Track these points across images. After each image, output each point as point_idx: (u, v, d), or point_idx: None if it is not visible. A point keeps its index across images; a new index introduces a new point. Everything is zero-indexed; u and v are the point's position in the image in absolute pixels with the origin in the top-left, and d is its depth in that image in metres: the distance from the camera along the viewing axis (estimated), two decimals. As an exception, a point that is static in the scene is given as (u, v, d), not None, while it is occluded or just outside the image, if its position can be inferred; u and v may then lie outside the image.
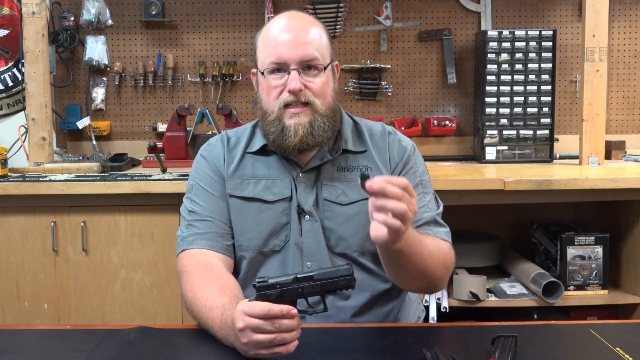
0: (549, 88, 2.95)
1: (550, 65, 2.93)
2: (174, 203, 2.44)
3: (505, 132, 2.96)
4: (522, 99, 2.95)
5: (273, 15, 2.81)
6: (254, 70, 1.57)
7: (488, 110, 2.96)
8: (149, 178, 2.50)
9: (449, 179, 2.42)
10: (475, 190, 2.43)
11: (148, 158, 2.89)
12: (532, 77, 2.94)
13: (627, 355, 1.22)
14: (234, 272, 1.56)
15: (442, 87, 3.23)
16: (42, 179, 2.51)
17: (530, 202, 2.54)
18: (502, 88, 2.95)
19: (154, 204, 2.47)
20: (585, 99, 2.75)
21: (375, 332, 1.40)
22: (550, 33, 2.93)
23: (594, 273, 2.62)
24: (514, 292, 2.61)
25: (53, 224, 2.49)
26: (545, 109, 2.95)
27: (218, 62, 3.19)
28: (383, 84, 3.21)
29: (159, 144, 2.76)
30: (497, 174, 2.60)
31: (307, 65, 1.47)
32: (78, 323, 2.49)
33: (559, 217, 3.00)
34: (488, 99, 2.95)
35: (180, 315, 2.50)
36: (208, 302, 1.34)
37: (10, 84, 3.20)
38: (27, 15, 2.80)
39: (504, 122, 2.96)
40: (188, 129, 2.88)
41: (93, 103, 3.20)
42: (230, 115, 2.88)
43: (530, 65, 2.94)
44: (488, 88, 2.95)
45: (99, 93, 3.20)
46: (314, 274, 1.23)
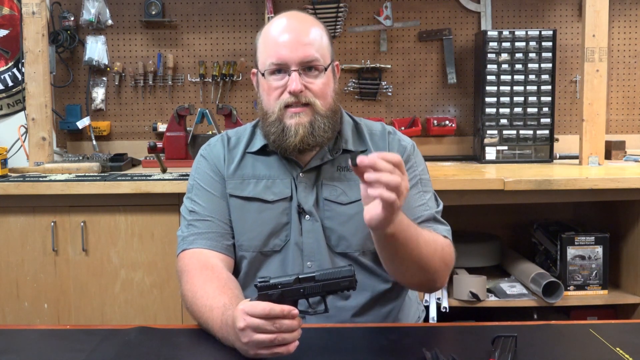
0: (549, 88, 2.95)
1: (550, 65, 2.93)
2: (174, 203, 2.44)
3: (505, 132, 2.96)
4: (522, 99, 2.95)
5: (273, 15, 2.81)
6: (254, 71, 1.57)
7: (488, 110, 2.96)
8: (149, 178, 2.50)
9: (449, 179, 2.43)
10: (475, 190, 2.43)
11: (148, 158, 2.89)
12: (532, 77, 2.94)
13: (627, 355, 1.22)
14: (234, 272, 1.56)
15: (442, 87, 3.23)
16: (42, 179, 2.51)
17: (530, 202, 2.54)
18: (502, 88, 2.95)
19: (154, 204, 2.48)
20: (585, 99, 2.75)
21: (375, 332, 1.40)
22: (550, 33, 2.93)
23: (594, 273, 2.62)
24: (514, 292, 2.61)
25: (53, 224, 2.49)
26: (545, 109, 2.95)
27: (218, 62, 3.19)
28: (383, 84, 3.21)
29: (159, 144, 2.77)
30: (497, 174, 2.60)
31: (307, 66, 1.47)
32: (78, 323, 2.49)
33: (559, 217, 3.00)
34: (488, 99, 2.95)
35: (180, 315, 2.50)
36: (208, 301, 1.34)
37: (10, 84, 3.20)
38: (27, 15, 2.80)
39: (504, 122, 2.96)
40: (188, 129, 2.89)
41: (93, 103, 3.20)
42: (230, 115, 2.88)
43: (530, 65, 2.94)
44: (488, 88, 2.95)
45: (99, 93, 3.20)
46: (316, 275, 1.22)
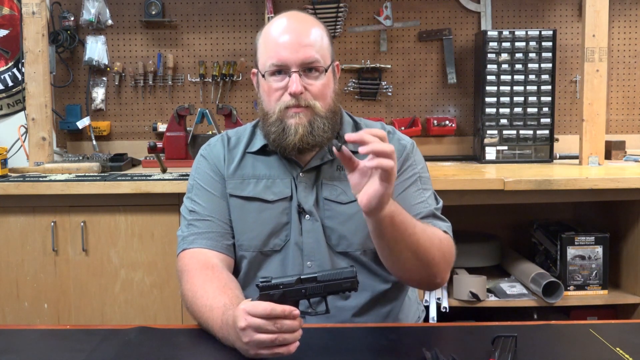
0: (549, 88, 2.95)
1: (550, 65, 2.93)
2: (174, 203, 2.44)
3: (505, 132, 2.96)
4: (522, 99, 2.95)
5: (273, 15, 2.81)
6: (255, 71, 1.57)
7: (488, 110, 2.96)
8: (149, 178, 2.50)
9: (449, 179, 2.43)
10: (475, 190, 2.43)
11: (148, 158, 2.89)
12: (532, 77, 2.94)
13: (627, 355, 1.22)
14: (234, 271, 1.56)
15: (442, 87, 3.23)
16: (42, 179, 2.51)
17: (530, 202, 2.54)
18: (502, 88, 2.94)
19: (154, 204, 2.48)
20: (585, 99, 2.75)
21: (375, 332, 1.40)
22: (550, 33, 2.93)
23: (594, 273, 2.62)
24: (514, 292, 2.61)
25: (53, 224, 2.49)
26: (545, 109, 2.95)
27: (218, 62, 3.19)
28: (383, 84, 3.21)
29: (159, 144, 2.77)
30: (497, 174, 2.60)
31: (307, 68, 1.47)
32: (78, 323, 2.49)
33: (559, 217, 3.00)
34: (488, 99, 2.95)
35: (180, 315, 2.50)
36: (208, 301, 1.34)
37: (10, 84, 3.20)
38: (27, 15, 2.80)
39: (504, 122, 2.96)
40: (188, 129, 2.89)
41: (93, 103, 3.20)
42: (230, 115, 2.88)
43: (530, 65, 2.94)
44: (488, 88, 2.95)
45: (99, 93, 3.20)
46: (318, 275, 1.22)
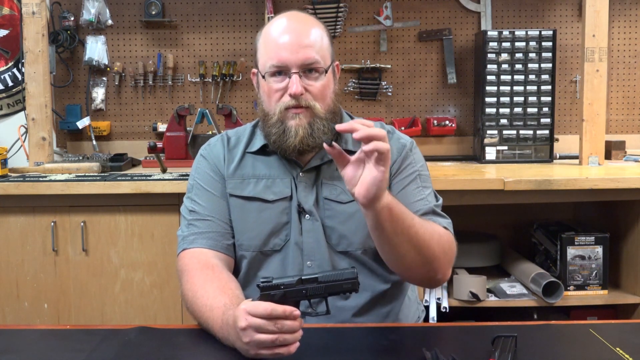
0: (549, 88, 2.95)
1: (550, 65, 2.93)
2: (174, 203, 2.44)
3: (505, 132, 2.96)
4: (522, 99, 2.95)
5: (273, 15, 2.81)
6: (255, 71, 1.57)
7: (488, 110, 2.96)
8: (149, 178, 2.50)
9: (449, 179, 2.42)
10: (475, 190, 2.43)
11: (148, 158, 2.89)
12: (532, 77, 2.94)
13: (627, 355, 1.22)
14: (234, 271, 1.56)
15: (442, 87, 3.23)
16: (42, 179, 2.51)
17: (530, 202, 2.54)
18: (502, 88, 2.94)
19: (154, 204, 2.48)
20: (585, 99, 2.75)
21: (375, 332, 1.40)
22: (550, 33, 2.93)
23: (594, 273, 2.62)
24: (514, 292, 2.61)
25: (53, 224, 2.49)
26: (545, 109, 2.95)
27: (218, 62, 3.19)
28: (383, 84, 3.21)
29: (159, 144, 2.77)
30: (497, 174, 2.60)
31: (308, 69, 1.47)
32: (78, 323, 2.49)
33: (559, 217, 3.00)
34: (488, 99, 2.95)
35: (180, 315, 2.50)
36: (209, 301, 1.34)
37: (10, 84, 3.20)
38: (27, 15, 2.80)
39: (504, 122, 2.96)
40: (188, 129, 2.89)
41: (93, 103, 3.20)
42: (230, 115, 2.88)
43: (530, 65, 2.94)
44: (488, 88, 2.94)
45: (99, 93, 3.20)
46: (319, 276, 1.22)
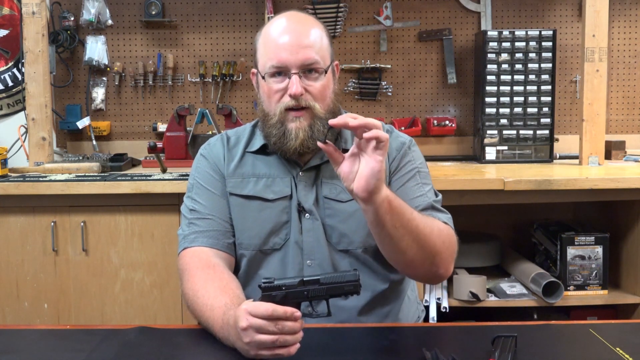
0: (549, 88, 2.95)
1: (550, 65, 2.93)
2: (174, 203, 2.44)
3: (505, 132, 2.96)
4: (522, 99, 2.95)
5: (273, 15, 2.81)
6: (254, 71, 1.57)
7: (488, 110, 2.96)
8: (149, 178, 2.50)
9: (449, 179, 2.42)
10: (475, 190, 2.43)
11: (148, 158, 2.89)
12: (532, 77, 2.94)
13: (627, 355, 1.22)
14: (234, 270, 1.56)
15: (442, 87, 3.23)
16: (42, 179, 2.51)
17: (530, 202, 2.54)
18: (502, 88, 2.94)
19: (154, 204, 2.47)
20: (585, 99, 2.75)
21: (375, 332, 1.40)
22: (550, 33, 2.93)
23: (594, 273, 2.62)
24: (514, 292, 2.61)
25: (53, 224, 2.49)
26: (545, 109, 2.95)
27: (218, 62, 3.19)
28: (383, 84, 3.20)
29: (159, 144, 2.77)
30: (497, 174, 2.60)
31: (307, 69, 1.47)
32: (78, 323, 2.49)
33: (559, 217, 3.00)
34: (488, 99, 2.95)
35: (180, 315, 2.50)
36: (209, 301, 1.34)
37: (10, 84, 3.20)
38: (27, 15, 2.80)
39: (504, 122, 2.96)
40: (188, 129, 2.88)
41: (93, 103, 3.20)
42: (230, 115, 2.88)
43: (530, 65, 2.94)
44: (488, 88, 2.94)
45: (99, 93, 3.20)
46: (321, 278, 1.22)
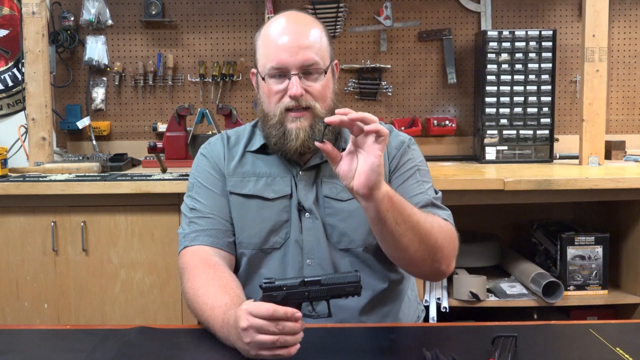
0: (549, 88, 2.94)
1: (550, 65, 2.93)
2: (174, 203, 2.44)
3: (505, 132, 2.96)
4: (522, 99, 2.95)
5: (273, 15, 2.80)
6: (254, 71, 1.57)
7: (488, 110, 2.96)
8: (149, 178, 2.50)
9: (449, 179, 2.42)
10: (475, 190, 2.43)
11: (148, 158, 2.89)
12: (532, 77, 2.94)
13: (627, 355, 1.22)
14: (234, 269, 1.55)
15: (442, 87, 3.23)
16: (42, 179, 2.51)
17: (530, 202, 2.54)
18: (502, 88, 2.94)
19: (154, 204, 2.47)
20: (585, 99, 2.75)
21: (375, 332, 1.40)
22: (550, 33, 2.93)
23: (594, 273, 2.62)
24: (514, 292, 2.61)
25: (53, 224, 2.49)
26: (545, 109, 2.95)
27: (218, 62, 3.19)
28: (383, 84, 3.20)
29: (159, 144, 2.77)
30: (497, 174, 2.60)
31: (307, 70, 1.47)
32: (78, 323, 2.49)
33: (559, 217, 3.00)
34: (488, 99, 2.95)
35: (180, 315, 2.50)
36: (210, 300, 1.34)
37: (10, 84, 3.20)
38: (27, 15, 2.80)
39: (504, 122, 2.96)
40: (188, 129, 2.89)
41: (93, 103, 3.20)
42: (230, 115, 2.88)
43: (530, 65, 2.94)
44: (488, 88, 2.94)
45: (99, 93, 3.20)
46: (322, 279, 1.22)
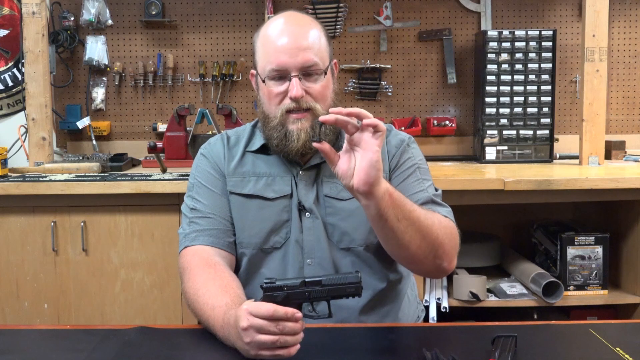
0: (549, 88, 2.94)
1: (550, 65, 2.93)
2: (174, 203, 2.44)
3: (505, 132, 2.96)
4: (522, 99, 2.95)
5: (273, 16, 2.80)
6: (253, 72, 1.57)
7: (488, 110, 2.96)
8: (149, 178, 2.50)
9: (449, 179, 2.42)
10: (475, 190, 2.43)
11: (148, 158, 2.89)
12: (532, 77, 2.94)
13: (627, 355, 1.22)
14: (234, 268, 1.55)
15: (442, 87, 3.23)
16: (42, 179, 2.51)
17: (530, 202, 2.54)
18: (502, 88, 2.94)
19: (154, 204, 2.47)
20: (585, 99, 2.75)
21: (375, 332, 1.40)
22: (550, 33, 2.93)
23: (594, 273, 2.62)
24: (514, 292, 2.61)
25: (53, 224, 2.49)
26: (545, 109, 2.95)
27: (218, 62, 3.19)
28: (383, 84, 3.20)
29: (159, 144, 2.77)
30: (497, 174, 2.60)
31: (307, 72, 1.47)
32: (78, 323, 2.49)
33: (559, 217, 3.00)
34: (488, 99, 2.95)
35: (180, 315, 2.50)
36: (210, 300, 1.34)
37: (10, 84, 3.20)
38: (27, 15, 2.80)
39: (504, 122, 2.96)
40: (188, 129, 2.89)
41: (93, 103, 3.20)
42: (230, 115, 2.88)
43: (530, 65, 2.94)
44: (488, 88, 2.94)
45: (99, 93, 3.20)
46: (322, 279, 1.22)
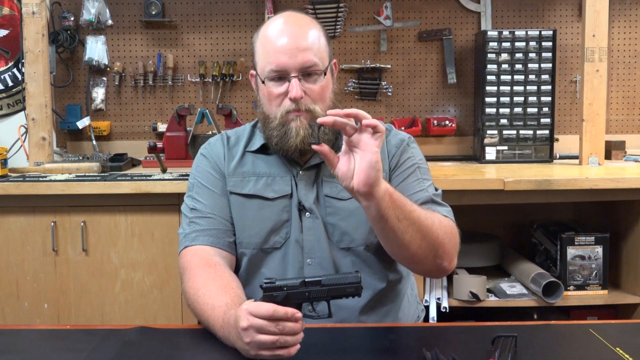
0: (549, 88, 2.94)
1: (550, 65, 2.93)
2: (174, 203, 2.44)
3: (505, 132, 2.96)
4: (522, 99, 2.95)
5: (273, 16, 2.80)
6: (253, 73, 1.57)
7: (488, 110, 2.96)
8: (149, 178, 2.50)
9: (449, 179, 2.42)
10: (475, 190, 2.43)
11: (148, 158, 2.89)
12: (532, 77, 2.94)
13: (627, 355, 1.22)
14: (234, 268, 1.56)
15: (442, 87, 3.23)
16: (42, 179, 2.51)
17: (530, 202, 2.54)
18: (502, 88, 2.94)
19: (154, 204, 2.47)
20: (585, 99, 2.75)
21: (375, 332, 1.40)
22: (550, 33, 2.93)
23: (594, 273, 2.62)
24: (514, 292, 2.61)
25: (53, 224, 2.49)
26: (545, 109, 2.95)
27: (218, 62, 3.19)
28: (383, 84, 3.20)
29: (159, 144, 2.77)
30: (497, 174, 2.60)
31: (306, 72, 1.47)
32: (78, 323, 2.49)
33: (559, 217, 3.00)
34: (488, 99, 2.95)
35: (180, 315, 2.50)
36: (210, 300, 1.34)
37: (10, 84, 3.20)
38: (27, 15, 2.80)
39: (504, 122, 2.96)
40: (188, 129, 2.89)
41: (93, 103, 3.20)
42: (230, 115, 2.88)
43: (530, 65, 2.94)
44: (488, 88, 2.94)
45: (99, 93, 3.20)
46: (322, 279, 1.22)
